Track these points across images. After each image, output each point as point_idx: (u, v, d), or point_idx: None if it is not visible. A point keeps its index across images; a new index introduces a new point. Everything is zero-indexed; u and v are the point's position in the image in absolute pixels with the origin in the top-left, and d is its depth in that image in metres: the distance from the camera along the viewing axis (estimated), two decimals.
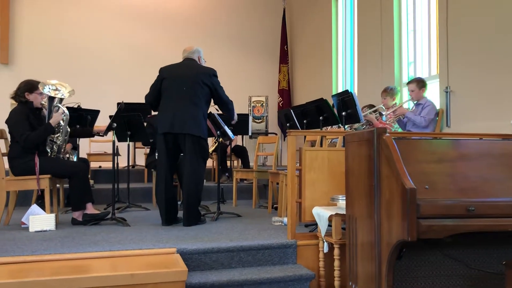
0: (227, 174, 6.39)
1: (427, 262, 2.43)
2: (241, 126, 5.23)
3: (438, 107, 4.74)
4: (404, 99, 5.43)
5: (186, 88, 3.94)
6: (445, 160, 2.31)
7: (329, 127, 5.09)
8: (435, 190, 2.17)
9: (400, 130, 4.97)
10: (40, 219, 3.70)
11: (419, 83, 4.71)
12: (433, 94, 4.93)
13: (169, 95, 3.99)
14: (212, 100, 4.17)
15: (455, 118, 4.56)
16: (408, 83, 4.84)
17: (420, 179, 2.16)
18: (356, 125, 4.98)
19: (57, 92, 4.08)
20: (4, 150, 3.96)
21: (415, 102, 4.78)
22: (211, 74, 4.05)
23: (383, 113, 4.96)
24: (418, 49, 5.50)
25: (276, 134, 8.13)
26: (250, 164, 6.45)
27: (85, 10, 8.23)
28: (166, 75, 4.04)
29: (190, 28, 8.59)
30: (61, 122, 4.15)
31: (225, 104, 4.16)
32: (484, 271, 2.44)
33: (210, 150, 6.15)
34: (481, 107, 4.23)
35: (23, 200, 4.89)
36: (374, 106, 5.29)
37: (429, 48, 5.26)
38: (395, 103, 5.18)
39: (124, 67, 8.18)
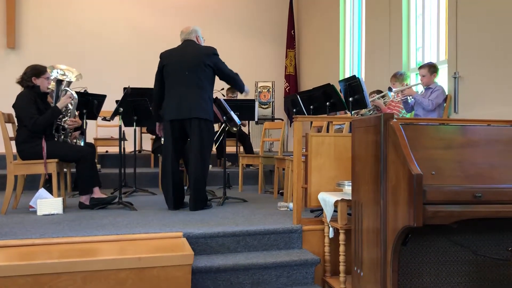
0: (226, 159, 6.35)
1: (432, 248, 2.43)
2: (247, 111, 5.23)
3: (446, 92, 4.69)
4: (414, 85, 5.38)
5: (188, 72, 3.90)
6: (453, 146, 2.29)
7: (336, 113, 5.07)
8: (442, 176, 2.16)
9: (408, 115, 4.94)
10: (48, 203, 3.74)
11: (431, 68, 4.66)
12: (441, 79, 4.88)
13: (172, 81, 3.96)
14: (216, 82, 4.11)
15: (463, 104, 4.51)
16: (420, 67, 4.78)
17: (427, 165, 2.15)
18: (363, 111, 4.95)
19: (64, 76, 4.09)
20: (11, 135, 3.98)
21: (425, 87, 4.74)
22: (212, 53, 3.98)
23: (392, 89, 4.90)
24: (426, 34, 5.43)
25: (282, 119, 8.10)
26: (255, 150, 6.44)
27: None
28: (167, 61, 4.00)
29: (197, 12, 8.53)
30: (69, 105, 4.17)
31: (232, 79, 4.09)
32: (490, 258, 2.44)
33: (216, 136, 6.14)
34: (490, 93, 4.18)
35: (31, 184, 4.92)
36: (382, 92, 5.25)
37: (438, 32, 5.19)
38: None
39: (131, 52, 8.16)
